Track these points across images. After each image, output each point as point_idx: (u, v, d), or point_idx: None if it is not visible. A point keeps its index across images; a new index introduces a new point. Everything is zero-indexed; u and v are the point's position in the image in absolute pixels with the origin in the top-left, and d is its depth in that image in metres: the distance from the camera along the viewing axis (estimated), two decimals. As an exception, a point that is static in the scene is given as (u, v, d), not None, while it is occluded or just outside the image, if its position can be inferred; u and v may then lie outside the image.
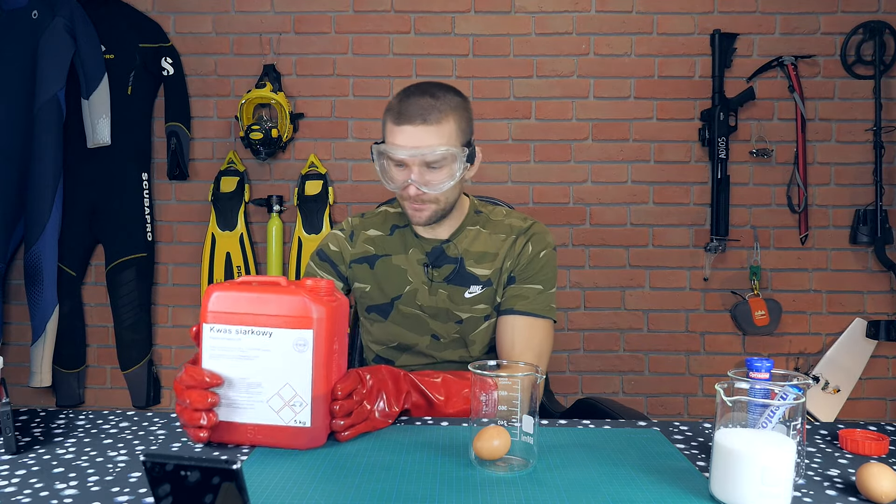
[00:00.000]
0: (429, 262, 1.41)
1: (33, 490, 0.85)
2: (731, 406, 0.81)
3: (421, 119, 1.27)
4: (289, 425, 0.96)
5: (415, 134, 1.27)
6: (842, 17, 2.60)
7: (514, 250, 1.41)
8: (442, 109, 1.29)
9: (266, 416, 0.96)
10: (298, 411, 0.95)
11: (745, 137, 2.62)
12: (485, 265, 1.41)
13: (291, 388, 0.95)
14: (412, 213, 1.35)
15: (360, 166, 2.67)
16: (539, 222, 1.46)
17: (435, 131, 1.28)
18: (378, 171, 1.35)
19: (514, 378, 0.93)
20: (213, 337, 0.97)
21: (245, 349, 0.96)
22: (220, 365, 0.97)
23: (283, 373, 0.95)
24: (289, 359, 0.95)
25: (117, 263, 2.60)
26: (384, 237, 1.46)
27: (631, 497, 0.83)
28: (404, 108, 1.28)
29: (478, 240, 1.42)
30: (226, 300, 0.96)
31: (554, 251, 1.44)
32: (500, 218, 1.46)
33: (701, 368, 2.66)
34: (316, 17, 2.66)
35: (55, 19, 2.43)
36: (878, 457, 1.00)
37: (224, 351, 0.96)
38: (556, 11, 2.63)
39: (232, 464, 0.57)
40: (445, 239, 1.42)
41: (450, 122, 1.29)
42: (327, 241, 1.48)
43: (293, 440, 0.96)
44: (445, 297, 1.40)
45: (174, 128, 2.62)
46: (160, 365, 2.72)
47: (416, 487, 0.85)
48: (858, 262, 2.63)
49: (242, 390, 0.96)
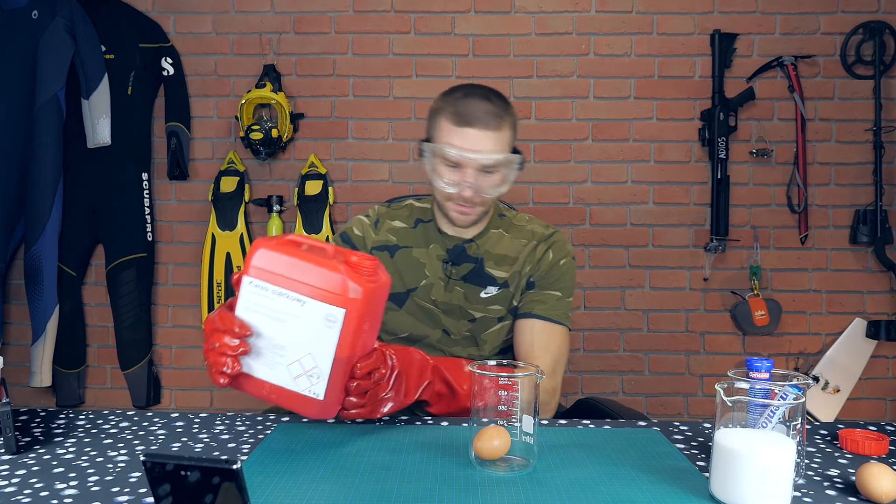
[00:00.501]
0: (448, 259, 1.42)
1: (33, 490, 0.85)
2: (731, 406, 0.81)
3: (483, 124, 1.28)
4: (302, 393, 0.95)
5: (477, 138, 1.28)
6: (842, 17, 2.60)
7: (535, 256, 1.42)
8: (501, 116, 1.31)
9: (283, 379, 0.96)
10: (314, 383, 0.95)
11: (745, 137, 2.63)
12: (504, 268, 1.42)
13: (313, 358, 0.95)
14: (457, 214, 1.36)
15: (360, 166, 2.67)
16: (560, 231, 1.48)
17: (495, 137, 1.29)
18: (427, 169, 1.35)
19: (514, 378, 0.93)
20: (250, 291, 0.96)
21: (277, 310, 0.95)
22: (252, 318, 0.96)
23: (308, 342, 0.94)
24: (316, 330, 0.94)
25: (117, 263, 2.60)
26: (408, 229, 1.47)
27: (631, 497, 0.83)
28: (465, 110, 1.29)
29: (500, 243, 1.44)
30: (269, 258, 0.95)
31: (573, 260, 1.46)
32: (523, 223, 1.47)
33: (701, 368, 2.66)
34: (316, 17, 2.66)
35: (55, 19, 2.43)
36: (878, 457, 1.00)
37: (258, 307, 0.96)
38: (556, 11, 2.63)
39: (232, 464, 0.57)
40: (469, 238, 1.43)
41: (507, 129, 1.32)
42: (352, 224, 1.50)
43: (304, 408, 0.96)
44: (461, 295, 1.41)
45: (174, 128, 2.62)
46: (160, 365, 2.72)
47: (416, 487, 0.85)
48: (858, 262, 2.63)
49: (267, 348, 0.96)
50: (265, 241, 0.97)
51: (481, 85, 1.37)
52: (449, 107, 1.31)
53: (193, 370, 2.72)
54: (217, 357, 0.95)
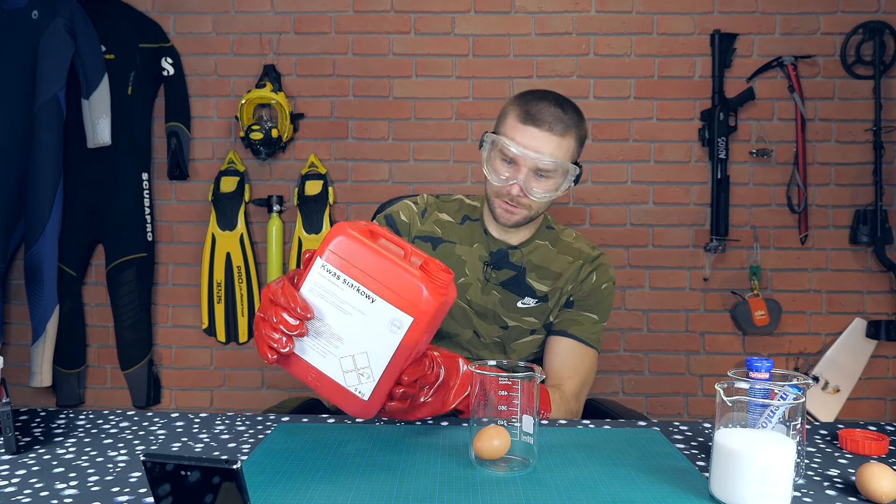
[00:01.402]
0: (490, 262, 1.41)
1: (33, 490, 0.85)
2: (731, 406, 0.81)
3: (548, 126, 1.28)
4: (348, 389, 0.94)
5: (539, 138, 1.28)
6: (842, 17, 2.60)
7: (579, 276, 1.42)
8: (568, 124, 1.30)
9: (333, 370, 0.93)
10: (363, 382, 0.93)
11: (745, 137, 2.63)
12: (545, 282, 1.41)
13: (367, 358, 0.93)
14: (502, 212, 1.35)
15: (361, 166, 2.67)
16: (605, 254, 1.47)
17: (557, 142, 1.29)
18: (484, 159, 1.35)
19: (514, 378, 0.93)
20: (321, 274, 0.92)
21: (344, 301, 0.92)
22: (315, 301, 0.92)
23: (367, 341, 0.92)
24: (379, 331, 0.91)
25: (117, 263, 2.60)
26: (454, 224, 1.46)
27: (631, 497, 0.83)
28: (534, 110, 1.29)
29: (545, 255, 1.43)
30: (348, 247, 0.91)
31: (614, 286, 1.45)
32: (570, 240, 1.47)
33: (701, 368, 2.66)
34: (316, 17, 2.66)
35: (55, 19, 2.43)
36: (878, 457, 1.00)
37: (325, 292, 0.92)
38: (556, 11, 2.63)
39: (232, 464, 0.57)
40: (514, 245, 1.42)
41: (571, 138, 1.31)
42: (399, 208, 1.47)
43: (345, 404, 0.95)
44: (497, 301, 1.41)
45: (174, 128, 2.62)
46: (160, 365, 2.72)
47: (416, 487, 0.85)
48: (858, 262, 2.63)
49: (324, 335, 0.93)
50: (345, 228, 0.93)
51: (560, 94, 1.36)
52: (520, 105, 1.32)
53: (193, 370, 2.72)
54: (271, 331, 0.91)
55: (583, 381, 1.37)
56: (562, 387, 1.32)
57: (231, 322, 2.65)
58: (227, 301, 2.63)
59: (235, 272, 2.62)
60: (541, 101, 1.30)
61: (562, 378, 1.34)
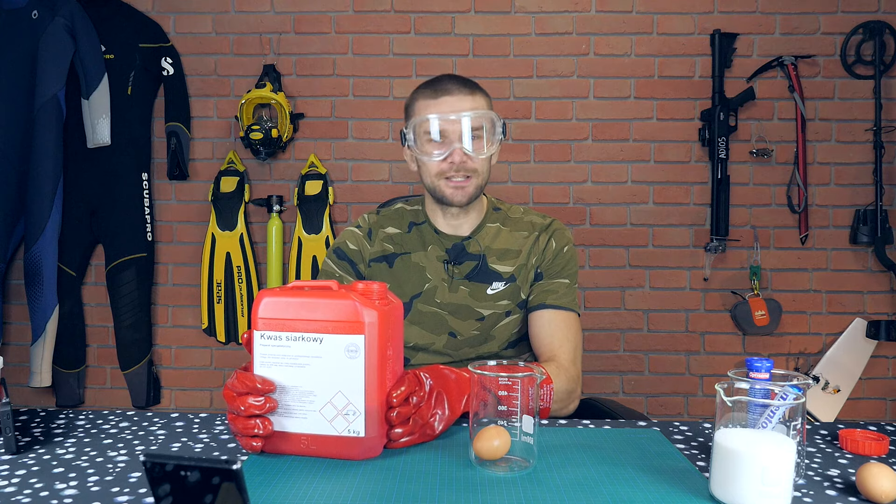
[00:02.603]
0: (449, 259, 1.42)
1: (33, 490, 0.85)
2: (731, 406, 0.81)
3: (457, 90, 1.34)
4: (342, 435, 0.93)
5: (454, 102, 1.33)
6: (842, 17, 2.60)
7: (539, 247, 1.43)
8: (473, 86, 1.37)
9: (319, 425, 0.93)
10: (352, 420, 0.92)
11: (745, 137, 2.63)
12: (507, 262, 1.42)
13: (344, 396, 0.92)
14: (453, 191, 1.36)
15: (360, 166, 2.67)
16: (557, 220, 1.49)
17: (472, 99, 1.34)
18: (414, 150, 1.37)
19: (514, 378, 0.93)
20: (263, 344, 0.94)
21: (296, 356, 0.93)
22: (271, 373, 0.94)
23: (335, 380, 0.92)
24: (340, 365, 0.92)
25: (117, 263, 2.60)
26: (402, 234, 1.46)
27: (631, 497, 0.83)
28: (438, 85, 1.35)
29: (499, 237, 1.44)
30: (275, 306, 0.93)
31: (574, 246, 1.47)
32: (519, 215, 1.48)
33: (701, 368, 2.66)
34: (316, 17, 2.66)
35: (55, 19, 2.43)
36: (878, 457, 1.00)
37: (275, 358, 0.93)
38: (556, 11, 2.63)
39: (232, 464, 0.57)
40: (466, 236, 1.43)
41: (482, 97, 1.37)
42: (345, 239, 1.47)
43: (348, 451, 0.93)
44: (466, 294, 1.41)
45: (174, 128, 2.62)
46: (160, 365, 2.72)
47: (416, 487, 0.85)
48: (858, 262, 2.63)
49: (295, 399, 0.93)
50: (267, 292, 0.95)
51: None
52: (422, 90, 1.38)
53: (193, 370, 2.72)
54: (245, 422, 0.92)
55: (574, 345, 1.37)
56: (557, 357, 1.33)
57: (231, 322, 2.65)
58: (227, 301, 2.63)
59: (235, 272, 2.62)
60: (439, 79, 1.37)
61: (553, 349, 1.34)
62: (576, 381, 1.33)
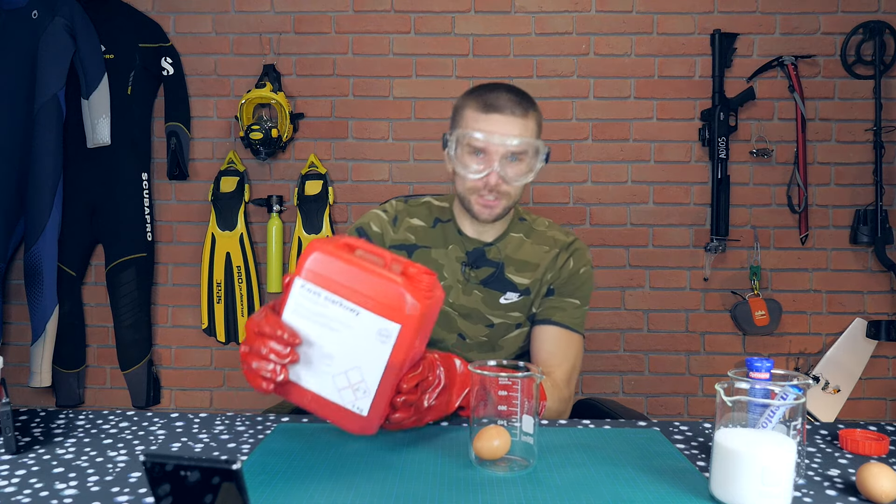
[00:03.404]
0: (468, 262, 1.41)
1: (33, 490, 0.85)
2: (731, 406, 0.81)
3: (510, 110, 1.29)
4: (345, 407, 0.91)
5: (504, 122, 1.29)
6: (842, 17, 2.60)
7: (556, 264, 1.42)
8: (527, 106, 1.32)
9: (328, 390, 0.91)
10: (360, 397, 0.91)
11: (745, 137, 2.62)
12: (525, 274, 1.41)
13: (361, 372, 0.90)
14: (481, 208, 1.34)
15: (360, 166, 2.67)
16: (579, 239, 1.47)
17: (522, 124, 1.30)
18: (451, 158, 1.34)
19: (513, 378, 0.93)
20: (301, 294, 0.90)
21: (329, 318, 0.89)
22: (300, 323, 0.90)
23: (357, 355, 0.89)
24: (368, 344, 0.89)
25: (117, 263, 2.60)
26: (427, 228, 1.45)
27: (631, 497, 0.83)
28: (491, 99, 1.30)
29: (521, 248, 1.43)
30: (325, 263, 0.89)
31: (592, 269, 1.46)
32: (543, 229, 1.46)
33: (701, 368, 2.66)
34: (316, 17, 2.66)
35: (55, 19, 2.43)
36: (878, 457, 1.00)
37: (308, 312, 0.90)
38: (556, 11, 2.63)
39: (232, 464, 0.57)
40: (489, 242, 1.42)
41: (533, 120, 1.33)
42: (369, 219, 1.46)
43: (346, 423, 0.92)
44: (479, 300, 1.40)
45: (174, 128, 2.62)
46: (160, 365, 2.72)
47: (416, 487, 0.85)
48: (858, 262, 2.63)
49: (314, 356, 0.91)
50: (321, 244, 0.91)
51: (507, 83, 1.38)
52: (474, 98, 1.33)
53: (193, 370, 2.72)
54: (263, 362, 0.89)
55: (571, 366, 1.37)
56: (552, 375, 1.33)
57: (231, 322, 2.65)
58: (227, 301, 2.63)
59: (235, 272, 2.62)
60: (494, 90, 1.32)
61: (551, 366, 1.34)
62: (567, 402, 1.34)
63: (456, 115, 1.37)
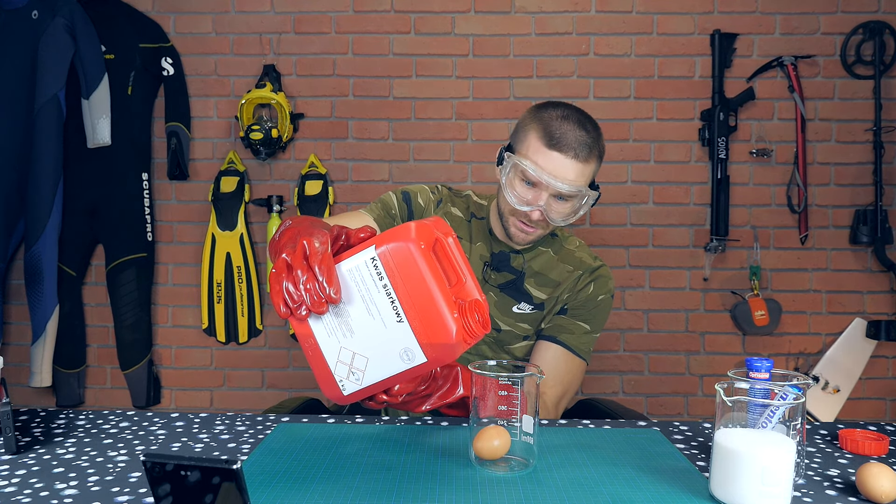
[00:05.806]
0: (491, 263, 1.41)
1: (33, 490, 0.85)
2: (731, 406, 0.81)
3: (573, 153, 1.26)
4: (333, 375, 0.89)
5: (564, 164, 1.26)
6: (842, 17, 2.60)
7: (577, 286, 1.41)
8: (592, 148, 1.28)
9: (330, 351, 0.89)
10: (351, 380, 0.89)
11: (745, 137, 2.63)
12: (544, 289, 1.41)
13: (365, 364, 0.88)
14: (517, 231, 1.34)
15: (360, 166, 2.67)
16: (606, 266, 1.46)
17: (581, 169, 1.27)
18: (503, 179, 1.33)
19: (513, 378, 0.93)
20: (366, 264, 0.85)
21: (375, 304, 0.85)
22: (349, 284, 0.86)
23: (374, 349, 0.87)
24: (389, 350, 0.85)
25: (117, 263, 2.60)
26: (462, 220, 1.46)
27: (631, 497, 0.83)
28: (558, 133, 1.26)
29: (546, 263, 1.42)
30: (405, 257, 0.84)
31: (611, 298, 1.44)
32: (573, 248, 1.46)
33: (701, 368, 2.66)
34: (316, 17, 2.66)
35: (55, 19, 2.43)
36: (878, 457, 1.00)
37: (358, 282, 0.85)
38: (556, 11, 2.63)
39: (232, 464, 0.57)
40: (516, 249, 1.42)
41: (594, 162, 1.30)
42: (418, 190, 1.46)
43: (327, 387, 0.90)
44: (493, 303, 1.40)
45: (174, 128, 2.62)
46: (160, 365, 2.72)
47: (416, 487, 0.85)
48: (858, 262, 2.63)
49: (339, 318, 0.87)
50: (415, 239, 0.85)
51: (579, 109, 1.33)
52: (543, 124, 1.28)
53: (193, 370, 2.72)
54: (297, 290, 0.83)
55: (565, 390, 1.36)
56: (543, 395, 1.32)
57: (231, 322, 2.65)
58: (227, 301, 2.63)
59: (235, 272, 2.62)
60: (565, 123, 1.27)
61: (545, 385, 1.33)
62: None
63: (519, 132, 1.33)
